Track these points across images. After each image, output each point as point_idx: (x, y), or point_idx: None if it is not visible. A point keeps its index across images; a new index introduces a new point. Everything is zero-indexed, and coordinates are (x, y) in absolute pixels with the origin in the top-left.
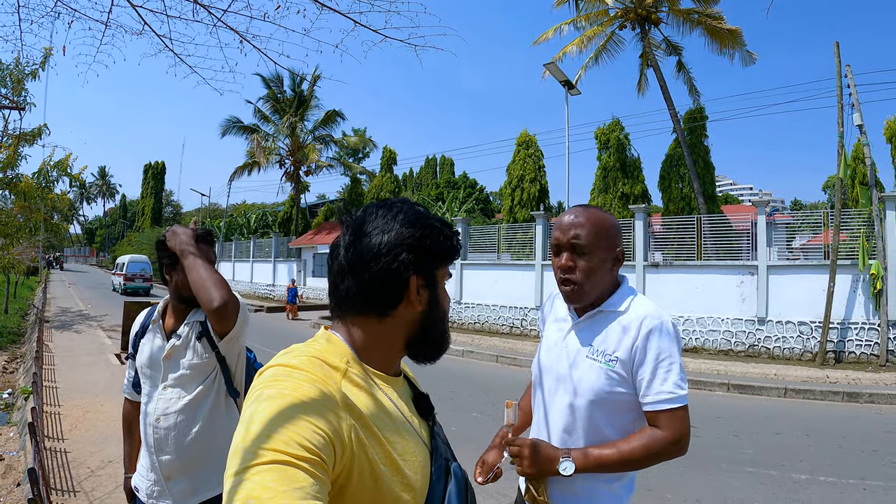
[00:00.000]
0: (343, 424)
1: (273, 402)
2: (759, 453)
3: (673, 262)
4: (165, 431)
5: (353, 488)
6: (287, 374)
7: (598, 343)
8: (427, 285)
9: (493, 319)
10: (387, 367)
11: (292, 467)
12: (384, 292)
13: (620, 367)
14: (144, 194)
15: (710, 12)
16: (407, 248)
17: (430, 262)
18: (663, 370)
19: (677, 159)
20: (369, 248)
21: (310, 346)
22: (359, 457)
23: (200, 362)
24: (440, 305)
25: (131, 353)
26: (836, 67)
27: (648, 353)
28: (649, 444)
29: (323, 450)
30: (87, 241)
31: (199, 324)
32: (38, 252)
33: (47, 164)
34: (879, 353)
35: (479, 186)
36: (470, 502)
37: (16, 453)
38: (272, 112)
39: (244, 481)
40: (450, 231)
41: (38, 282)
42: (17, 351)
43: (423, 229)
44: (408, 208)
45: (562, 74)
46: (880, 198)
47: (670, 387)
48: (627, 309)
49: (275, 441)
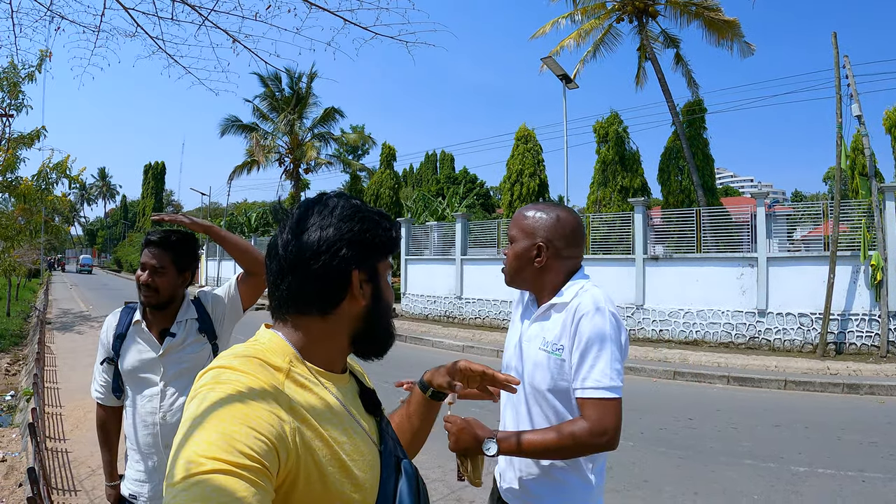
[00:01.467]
0: (286, 428)
1: (214, 408)
2: (758, 445)
3: (673, 254)
4: (173, 427)
5: (299, 493)
6: (227, 376)
7: (548, 333)
8: (369, 279)
9: (493, 314)
10: (332, 364)
11: (233, 476)
12: (326, 289)
13: (566, 354)
14: (145, 195)
15: (708, 4)
16: (347, 242)
17: (370, 255)
18: (591, 357)
19: (676, 152)
20: (308, 245)
21: (251, 347)
22: (304, 460)
23: (197, 354)
24: (384, 298)
25: (110, 357)
26: (835, 58)
27: (578, 338)
28: (574, 432)
29: (265, 456)
30: (88, 243)
31: (195, 320)
32: (39, 254)
33: (46, 166)
34: (880, 344)
35: (480, 181)
36: (422, 499)
37: (18, 454)
38: (270, 110)
39: (183, 493)
40: (388, 223)
41: (40, 284)
42: (20, 353)
43: (362, 223)
44: (344, 202)
45: (559, 69)
46: (880, 188)
47: (597, 375)
48: (571, 298)
49: (214, 449)
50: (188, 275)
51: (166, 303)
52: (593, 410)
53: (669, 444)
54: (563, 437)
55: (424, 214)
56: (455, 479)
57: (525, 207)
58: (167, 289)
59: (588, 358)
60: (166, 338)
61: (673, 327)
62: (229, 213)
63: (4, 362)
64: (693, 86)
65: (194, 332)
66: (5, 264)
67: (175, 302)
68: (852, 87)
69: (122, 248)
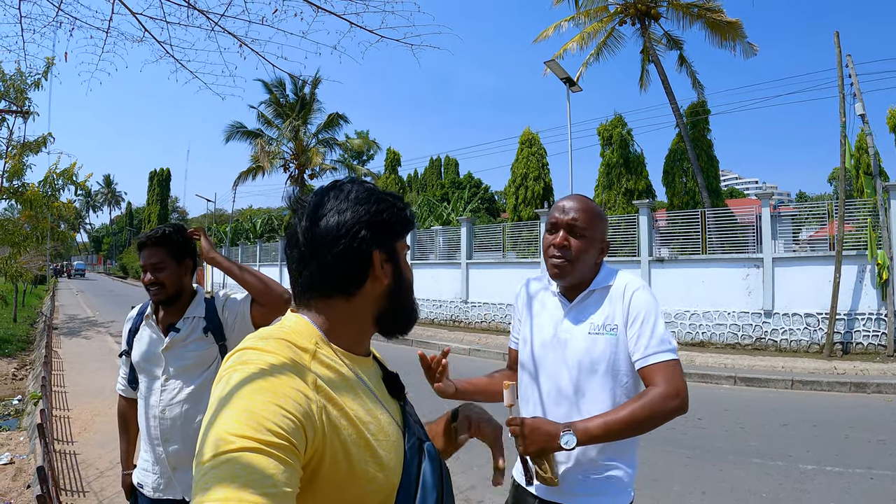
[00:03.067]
0: (313, 407)
1: (241, 387)
2: (766, 445)
3: (678, 256)
4: (171, 422)
5: (325, 471)
6: (255, 357)
7: (597, 318)
8: (389, 259)
9: (499, 318)
10: (356, 347)
11: (262, 454)
12: (349, 272)
13: (622, 333)
14: (150, 201)
15: (710, 5)
16: (365, 224)
17: (388, 235)
18: (649, 326)
19: (680, 154)
20: (328, 231)
21: (277, 329)
22: (330, 439)
23: (202, 352)
24: (405, 277)
25: (126, 350)
26: (837, 57)
27: (635, 312)
28: (649, 402)
29: (293, 434)
30: (94, 250)
31: (202, 318)
32: (45, 261)
33: (53, 172)
34: (887, 344)
35: (484, 186)
36: (445, 480)
37: (26, 457)
38: (275, 116)
39: (213, 470)
40: (402, 203)
41: (46, 290)
42: (27, 358)
43: (378, 204)
44: (358, 186)
45: (563, 72)
46: (885, 187)
47: (657, 340)
48: (613, 282)
49: (244, 427)
50: (189, 262)
51: (175, 296)
52: (664, 374)
53: (678, 444)
54: (639, 408)
55: (429, 219)
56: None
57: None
58: (171, 281)
59: (646, 328)
60: (170, 332)
61: (679, 329)
62: (234, 220)
63: (12, 367)
64: (697, 87)
65: (199, 331)
66: (12, 270)
67: (184, 296)
68: (855, 87)
69: (127, 254)
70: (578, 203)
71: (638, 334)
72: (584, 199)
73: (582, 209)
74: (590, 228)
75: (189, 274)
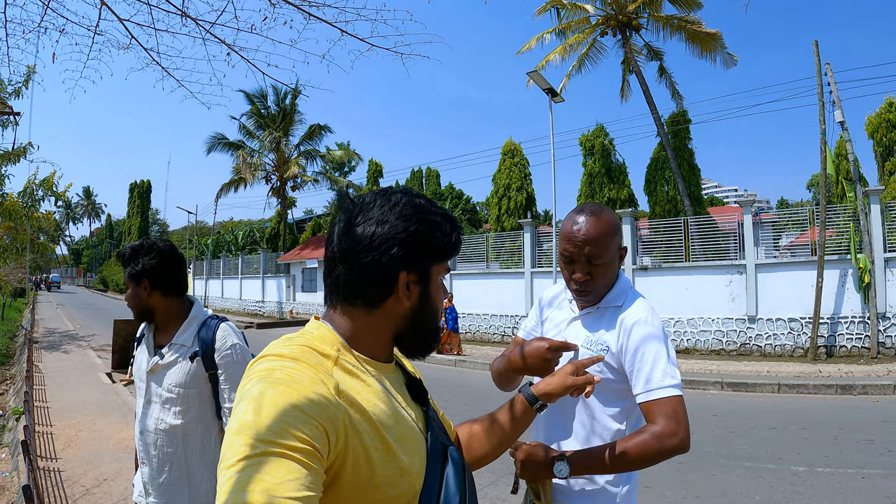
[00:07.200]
0: (336, 412)
1: (265, 393)
2: (756, 448)
3: (661, 264)
4: (146, 447)
5: (347, 475)
6: (279, 363)
7: (594, 334)
8: (419, 281)
9: (483, 328)
10: (378, 354)
11: (286, 459)
12: (372, 285)
13: (610, 358)
14: (131, 213)
15: (689, 17)
16: (399, 242)
17: (423, 257)
18: (649, 360)
19: (662, 163)
20: (361, 239)
21: (300, 336)
22: (353, 444)
23: (185, 381)
24: (431, 302)
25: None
26: (816, 66)
27: (633, 346)
28: (643, 441)
29: (316, 439)
30: (74, 262)
31: (188, 348)
32: (25, 273)
33: (32, 182)
34: (870, 346)
35: (466, 197)
36: (468, 485)
37: (8, 474)
38: (257, 128)
39: (237, 474)
40: (450, 227)
41: (26, 303)
42: (7, 372)
43: (420, 223)
44: (407, 200)
45: (545, 83)
46: (865, 192)
47: (660, 374)
48: (623, 304)
49: (268, 432)
50: (146, 283)
51: (143, 315)
52: (660, 413)
53: None
54: (632, 445)
55: None
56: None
57: (594, 222)
58: (133, 302)
59: (646, 362)
60: (155, 355)
61: None
62: (216, 232)
63: None
64: (677, 97)
65: (185, 359)
66: None
67: (161, 316)
68: (835, 94)
69: (107, 267)
70: (590, 228)
71: (638, 368)
72: (595, 221)
73: (595, 237)
74: (607, 252)
75: (149, 295)
